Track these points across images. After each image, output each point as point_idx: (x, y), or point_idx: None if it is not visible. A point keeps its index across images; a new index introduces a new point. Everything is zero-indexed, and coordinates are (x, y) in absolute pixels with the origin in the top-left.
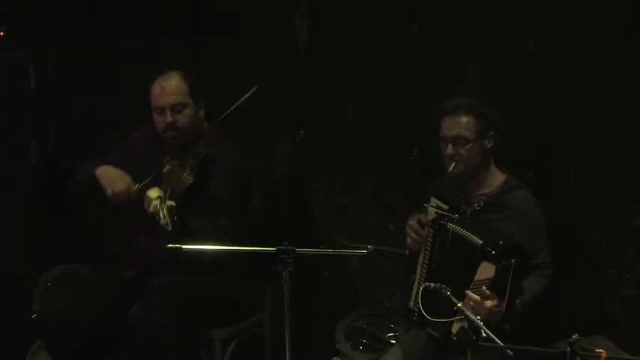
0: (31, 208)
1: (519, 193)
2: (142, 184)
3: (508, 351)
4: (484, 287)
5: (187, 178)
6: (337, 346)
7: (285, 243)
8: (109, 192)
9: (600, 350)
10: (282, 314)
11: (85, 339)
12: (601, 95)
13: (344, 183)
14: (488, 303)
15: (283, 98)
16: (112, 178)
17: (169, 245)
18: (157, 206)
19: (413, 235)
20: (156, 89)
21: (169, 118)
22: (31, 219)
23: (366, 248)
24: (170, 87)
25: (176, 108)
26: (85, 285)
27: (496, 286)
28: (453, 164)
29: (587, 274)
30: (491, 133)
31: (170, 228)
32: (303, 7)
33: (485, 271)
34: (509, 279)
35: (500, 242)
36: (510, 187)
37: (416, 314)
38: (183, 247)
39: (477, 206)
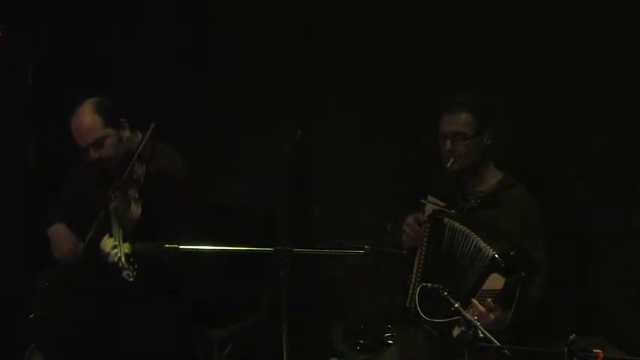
0: (30, 208)
1: (516, 191)
2: (86, 242)
3: (505, 351)
4: (490, 300)
5: (134, 210)
6: (334, 346)
7: (283, 243)
8: (56, 255)
9: (597, 350)
10: (280, 314)
11: (81, 341)
12: (601, 95)
13: (341, 183)
14: (492, 316)
15: (281, 99)
16: (58, 241)
17: (166, 246)
18: (114, 257)
19: (409, 231)
20: (73, 129)
21: (94, 155)
22: (30, 219)
23: (363, 248)
24: (84, 125)
25: (96, 143)
26: (83, 287)
27: (503, 297)
28: (451, 160)
29: (586, 274)
30: (490, 130)
31: (132, 279)
32: (302, 6)
33: (494, 281)
34: (518, 291)
35: (512, 253)
36: (507, 185)
37: (412, 314)
38: (180, 247)
39: (473, 203)
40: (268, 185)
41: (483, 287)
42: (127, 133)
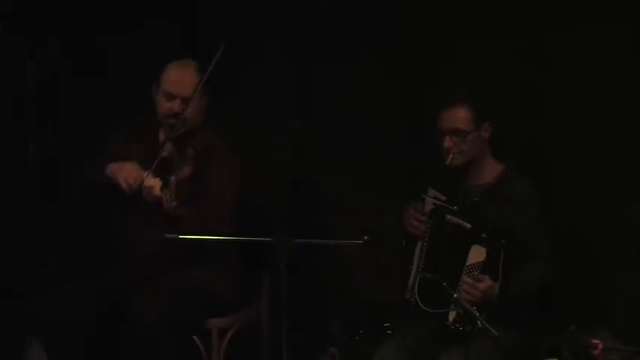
0: (30, 204)
1: (518, 183)
2: (151, 169)
3: (501, 340)
4: (476, 272)
5: (187, 168)
6: (334, 336)
7: (282, 233)
8: (124, 185)
9: (597, 341)
10: (279, 304)
11: (83, 335)
12: (601, 90)
13: (340, 173)
14: (482, 286)
15: (282, 89)
16: (124, 171)
17: (167, 235)
18: (159, 192)
19: (413, 220)
20: (173, 75)
21: (177, 108)
22: (30, 215)
23: (362, 239)
24: (188, 78)
25: (186, 100)
26: (83, 280)
27: (488, 268)
28: (451, 156)
29: (587, 266)
30: (488, 123)
31: (174, 203)
32: None
33: (477, 254)
34: (501, 260)
35: (489, 225)
36: (508, 178)
37: (412, 305)
38: (180, 237)
39: (475, 197)
40: (267, 174)
41: (467, 263)
42: (205, 106)
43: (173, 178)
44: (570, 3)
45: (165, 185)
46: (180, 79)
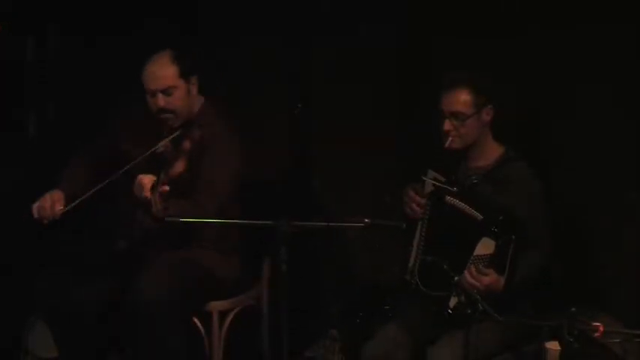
0: (30, 183)
1: (517, 166)
2: (136, 162)
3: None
4: (481, 265)
5: (180, 164)
6: (334, 318)
7: (282, 216)
8: (35, 214)
9: (597, 324)
10: (280, 286)
11: (86, 318)
12: (600, 76)
13: (341, 155)
14: (486, 279)
15: (283, 72)
16: (42, 200)
17: (167, 219)
18: (149, 194)
19: (413, 203)
20: (146, 72)
21: (161, 102)
22: (29, 194)
23: (362, 221)
24: (159, 71)
25: (167, 91)
26: (85, 263)
27: (495, 261)
28: (450, 139)
29: (585, 249)
30: (490, 106)
31: (161, 214)
32: None
33: (485, 246)
34: (509, 255)
35: (501, 218)
36: (508, 160)
37: (412, 287)
38: (181, 219)
39: (474, 179)
40: (268, 157)
41: (475, 253)
42: (194, 90)
43: (165, 187)
44: (570, 3)
45: (157, 183)
46: (152, 74)
